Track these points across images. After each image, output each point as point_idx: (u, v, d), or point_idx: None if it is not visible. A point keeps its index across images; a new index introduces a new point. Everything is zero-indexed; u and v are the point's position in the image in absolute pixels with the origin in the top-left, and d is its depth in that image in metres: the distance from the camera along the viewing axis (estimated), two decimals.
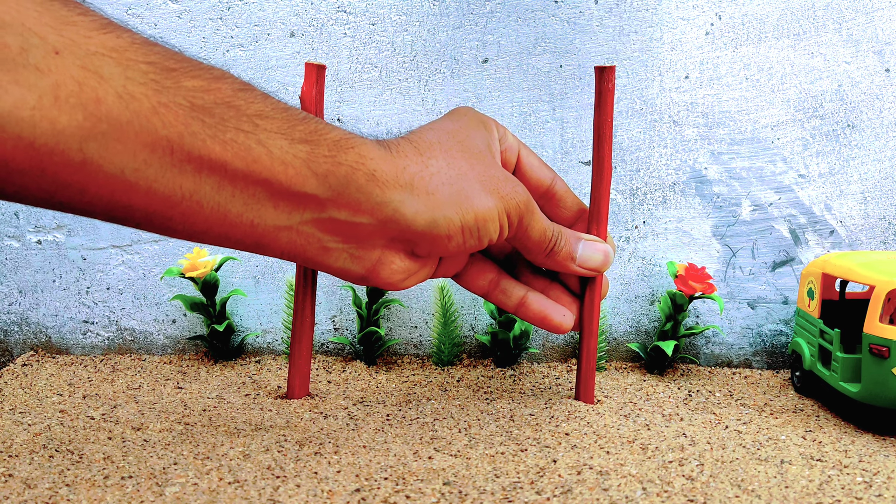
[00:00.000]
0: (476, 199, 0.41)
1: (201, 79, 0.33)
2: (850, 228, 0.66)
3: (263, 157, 0.34)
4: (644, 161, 0.65)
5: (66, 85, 0.28)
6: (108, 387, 0.59)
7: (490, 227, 0.42)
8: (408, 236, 0.40)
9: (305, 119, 0.37)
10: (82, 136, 0.28)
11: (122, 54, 0.30)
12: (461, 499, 0.40)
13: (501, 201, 0.42)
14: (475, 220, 0.41)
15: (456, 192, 0.40)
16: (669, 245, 0.66)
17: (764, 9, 0.64)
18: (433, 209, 0.40)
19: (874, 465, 0.45)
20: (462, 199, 0.41)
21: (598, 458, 0.46)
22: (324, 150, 0.36)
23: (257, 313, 0.67)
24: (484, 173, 0.42)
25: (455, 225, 0.40)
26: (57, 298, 0.67)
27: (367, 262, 0.41)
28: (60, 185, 0.29)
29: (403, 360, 0.67)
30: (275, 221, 0.36)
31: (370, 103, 0.65)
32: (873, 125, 0.65)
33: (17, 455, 0.45)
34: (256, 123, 0.34)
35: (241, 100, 0.34)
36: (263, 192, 0.35)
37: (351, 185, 0.37)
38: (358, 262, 0.41)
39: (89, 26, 0.29)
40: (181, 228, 0.34)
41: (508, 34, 0.64)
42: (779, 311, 0.66)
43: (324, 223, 0.38)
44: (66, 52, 0.28)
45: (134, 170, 0.30)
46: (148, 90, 0.30)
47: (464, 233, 0.41)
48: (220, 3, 0.65)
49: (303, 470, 0.43)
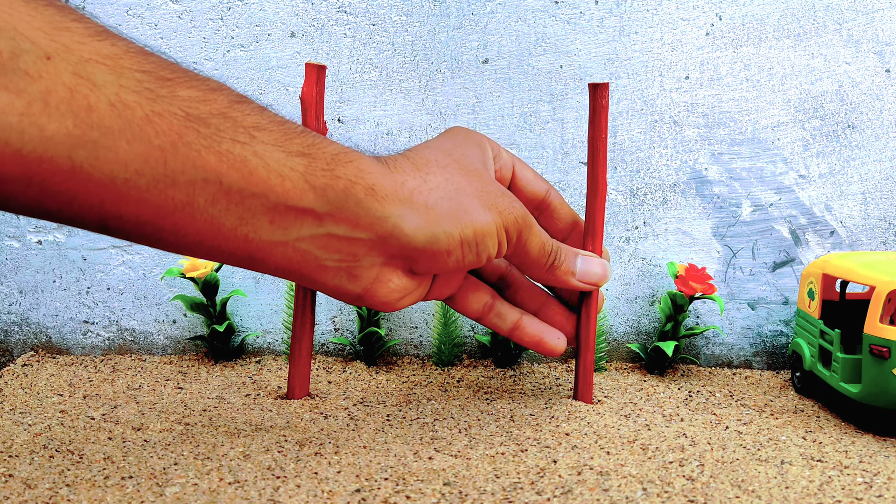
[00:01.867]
0: (475, 213, 0.41)
1: (197, 89, 0.32)
2: (850, 229, 0.66)
3: (259, 169, 0.33)
4: (644, 161, 0.65)
5: (56, 91, 0.27)
6: (108, 387, 0.59)
7: (489, 241, 0.41)
8: (407, 252, 0.40)
9: (303, 133, 0.36)
10: (72, 144, 0.28)
11: (116, 62, 0.29)
12: (461, 499, 0.40)
13: (500, 216, 0.42)
14: (474, 234, 0.41)
15: (455, 207, 0.40)
16: (670, 245, 0.66)
17: (764, 9, 0.64)
18: (433, 224, 0.39)
19: (875, 465, 0.45)
20: (461, 213, 0.40)
21: (598, 458, 0.46)
22: (321, 164, 0.36)
23: (258, 314, 0.67)
24: (481, 189, 0.42)
25: (455, 240, 0.40)
26: (57, 299, 0.67)
27: (364, 281, 0.40)
28: (49, 194, 0.28)
29: (404, 360, 0.67)
30: (270, 236, 0.35)
31: (370, 104, 0.65)
32: (874, 126, 0.65)
33: (18, 455, 0.45)
34: (253, 135, 0.33)
35: (238, 111, 0.33)
36: (259, 206, 0.34)
37: (350, 200, 0.37)
38: (355, 280, 0.40)
39: (83, 32, 0.29)
40: (172, 240, 0.33)
41: (509, 35, 0.65)
42: (779, 312, 0.66)
43: (321, 239, 0.37)
44: (58, 58, 0.27)
45: (125, 179, 0.29)
46: (142, 98, 0.30)
47: (463, 248, 0.41)
48: (220, 4, 0.65)
49: (303, 470, 0.43)
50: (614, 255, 0.66)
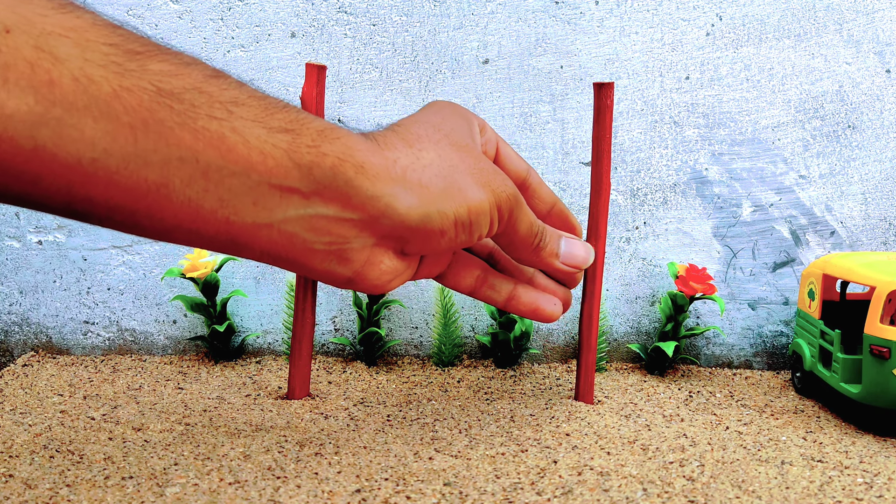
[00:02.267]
0: (469, 192, 0.39)
1: (169, 63, 0.30)
2: (850, 229, 0.66)
3: (239, 146, 0.31)
4: (645, 162, 0.65)
5: (16, 66, 0.25)
6: (108, 387, 0.59)
7: (482, 220, 0.40)
8: (400, 232, 0.38)
9: (285, 108, 0.34)
10: (33, 122, 0.26)
11: (81, 35, 0.27)
12: (461, 499, 0.40)
13: (493, 194, 0.40)
14: (468, 213, 0.39)
15: (449, 186, 0.38)
16: (670, 246, 0.66)
17: (765, 9, 0.64)
18: (427, 203, 0.37)
19: (875, 466, 0.45)
20: (455, 192, 0.38)
21: (598, 458, 0.46)
22: (306, 140, 0.33)
23: (258, 314, 0.67)
24: (474, 166, 0.40)
25: (449, 219, 0.38)
26: (57, 299, 0.67)
27: (355, 264, 0.38)
28: (11, 175, 0.26)
29: (404, 360, 0.67)
30: (254, 219, 0.33)
31: (371, 104, 0.65)
32: (874, 126, 0.65)
33: (18, 455, 0.45)
34: (231, 111, 0.31)
35: (214, 86, 0.31)
36: (240, 186, 0.32)
37: (338, 178, 0.34)
38: (345, 263, 0.37)
39: (46, 5, 0.27)
40: (148, 224, 0.31)
41: (509, 35, 0.65)
42: (779, 312, 0.66)
43: (308, 220, 0.35)
44: (17, 31, 0.26)
45: (92, 159, 0.27)
46: (108, 73, 0.27)
47: (457, 227, 0.39)
48: (220, 4, 0.65)
49: (303, 470, 0.43)
50: (615, 256, 0.66)
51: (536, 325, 0.66)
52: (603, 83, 0.51)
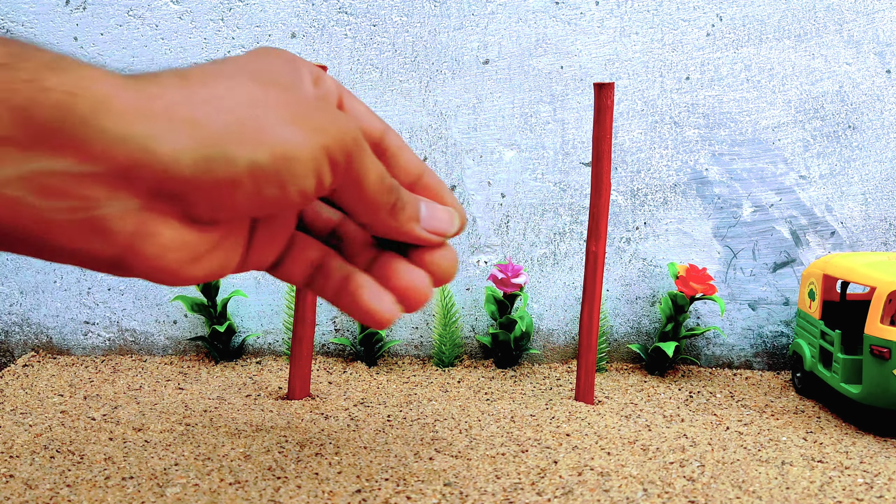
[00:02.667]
0: (272, 130, 0.28)
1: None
2: (850, 229, 0.66)
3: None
4: (645, 162, 0.65)
5: None
6: (108, 387, 0.59)
7: (298, 169, 0.29)
8: (171, 186, 0.27)
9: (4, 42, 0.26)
10: None
11: None
12: (462, 500, 0.40)
13: (317, 134, 0.29)
14: (272, 158, 0.28)
15: (238, 122, 0.28)
16: (670, 246, 0.66)
17: (765, 10, 0.64)
18: (205, 145, 0.27)
19: (875, 466, 0.45)
20: (249, 129, 0.28)
21: (599, 459, 0.46)
22: (23, 75, 0.25)
23: (258, 314, 0.67)
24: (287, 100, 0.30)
25: (240, 165, 0.27)
26: (58, 299, 0.67)
27: (117, 237, 0.27)
28: None
29: (404, 360, 0.67)
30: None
31: (371, 104, 0.65)
32: (874, 126, 0.65)
33: (19, 456, 0.45)
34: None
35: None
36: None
37: (68, 120, 0.25)
38: (104, 236, 0.27)
39: None
40: None
41: (509, 35, 0.65)
42: (780, 313, 0.66)
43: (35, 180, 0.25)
44: None
45: None
46: None
47: (255, 178, 0.28)
48: (221, 5, 0.65)
49: (303, 471, 0.43)
50: (615, 256, 0.66)
51: (537, 325, 0.66)
52: (603, 83, 0.51)
